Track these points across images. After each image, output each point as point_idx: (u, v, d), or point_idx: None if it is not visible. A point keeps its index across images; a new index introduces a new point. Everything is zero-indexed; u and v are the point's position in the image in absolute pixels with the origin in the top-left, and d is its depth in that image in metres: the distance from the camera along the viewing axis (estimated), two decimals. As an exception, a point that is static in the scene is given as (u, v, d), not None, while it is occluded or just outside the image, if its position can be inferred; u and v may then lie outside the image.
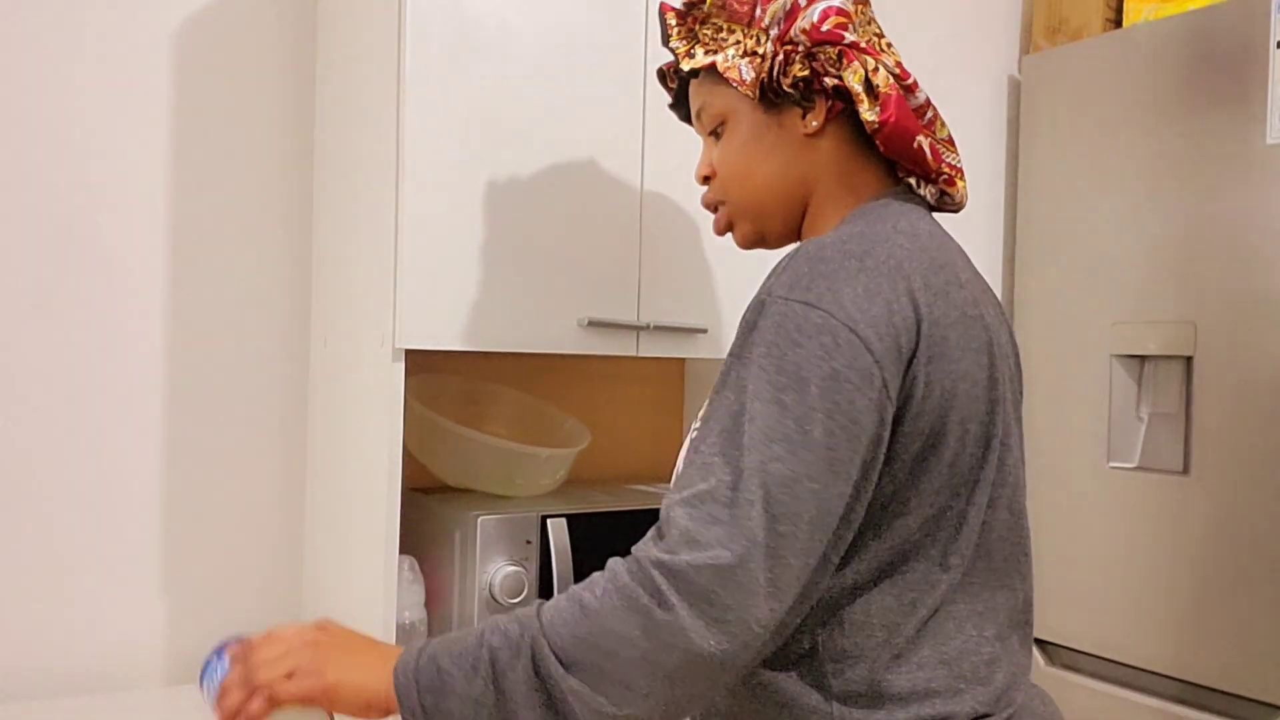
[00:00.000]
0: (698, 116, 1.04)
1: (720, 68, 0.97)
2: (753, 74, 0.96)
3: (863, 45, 0.94)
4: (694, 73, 1.02)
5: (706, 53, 1.00)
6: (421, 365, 1.62)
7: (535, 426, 1.68)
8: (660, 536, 0.80)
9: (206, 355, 1.52)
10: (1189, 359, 1.78)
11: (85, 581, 1.44)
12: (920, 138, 0.95)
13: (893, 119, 0.93)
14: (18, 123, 1.39)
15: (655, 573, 0.77)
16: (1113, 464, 1.88)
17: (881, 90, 0.93)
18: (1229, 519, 1.71)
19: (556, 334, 1.35)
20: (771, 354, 0.80)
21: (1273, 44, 1.68)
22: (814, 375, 0.79)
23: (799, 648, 0.86)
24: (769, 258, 1.54)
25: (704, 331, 1.48)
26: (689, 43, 1.02)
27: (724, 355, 1.49)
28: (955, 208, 1.01)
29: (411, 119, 1.25)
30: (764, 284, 0.87)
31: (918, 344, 0.82)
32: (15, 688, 1.39)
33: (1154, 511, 1.82)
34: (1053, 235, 2.03)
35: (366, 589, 1.32)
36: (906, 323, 0.82)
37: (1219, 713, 1.71)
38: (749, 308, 0.85)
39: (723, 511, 0.77)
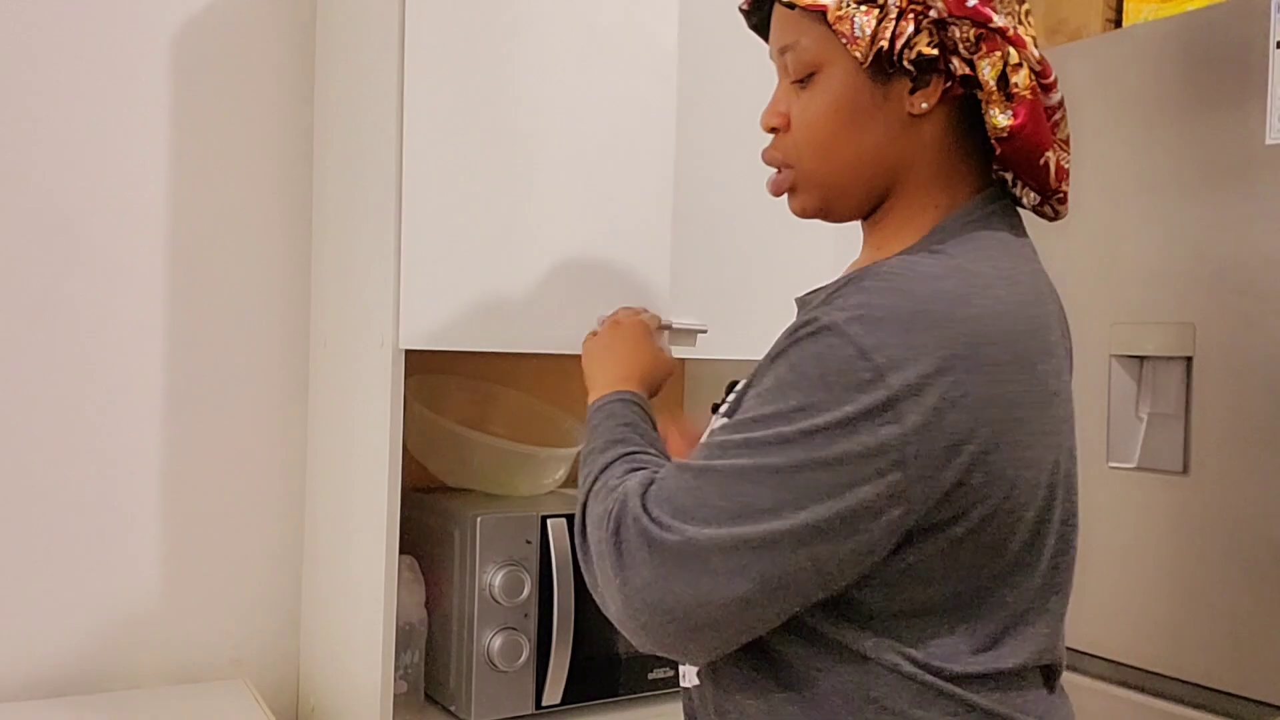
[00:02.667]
0: (781, 53, 0.86)
1: (831, 15, 0.80)
2: (869, 32, 0.78)
3: (1009, 32, 0.79)
4: (789, 3, 0.83)
5: None
6: (421, 366, 1.62)
7: (535, 426, 1.68)
8: (649, 486, 0.80)
9: (206, 356, 1.52)
10: (1189, 359, 1.78)
11: (85, 581, 1.44)
12: (1049, 153, 0.82)
13: (1026, 129, 0.79)
14: (17, 123, 1.39)
15: (626, 527, 0.78)
16: (1112, 464, 1.88)
17: (1018, 90, 0.79)
18: (1229, 519, 1.71)
19: (556, 334, 1.35)
20: (800, 385, 0.73)
21: (1273, 44, 1.68)
22: (831, 439, 0.71)
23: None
24: (774, 258, 1.54)
25: (704, 331, 1.48)
26: None
27: (724, 355, 1.49)
28: (1054, 219, 0.90)
29: (411, 119, 1.25)
30: (838, 288, 0.78)
31: (983, 430, 0.72)
32: (16, 688, 1.39)
33: (1154, 511, 1.81)
34: (1052, 235, 2.03)
35: (366, 589, 1.32)
36: (971, 402, 0.71)
37: (1219, 713, 1.71)
38: (807, 314, 0.77)
39: (689, 560, 0.74)
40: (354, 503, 1.38)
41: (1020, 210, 0.89)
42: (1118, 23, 2.06)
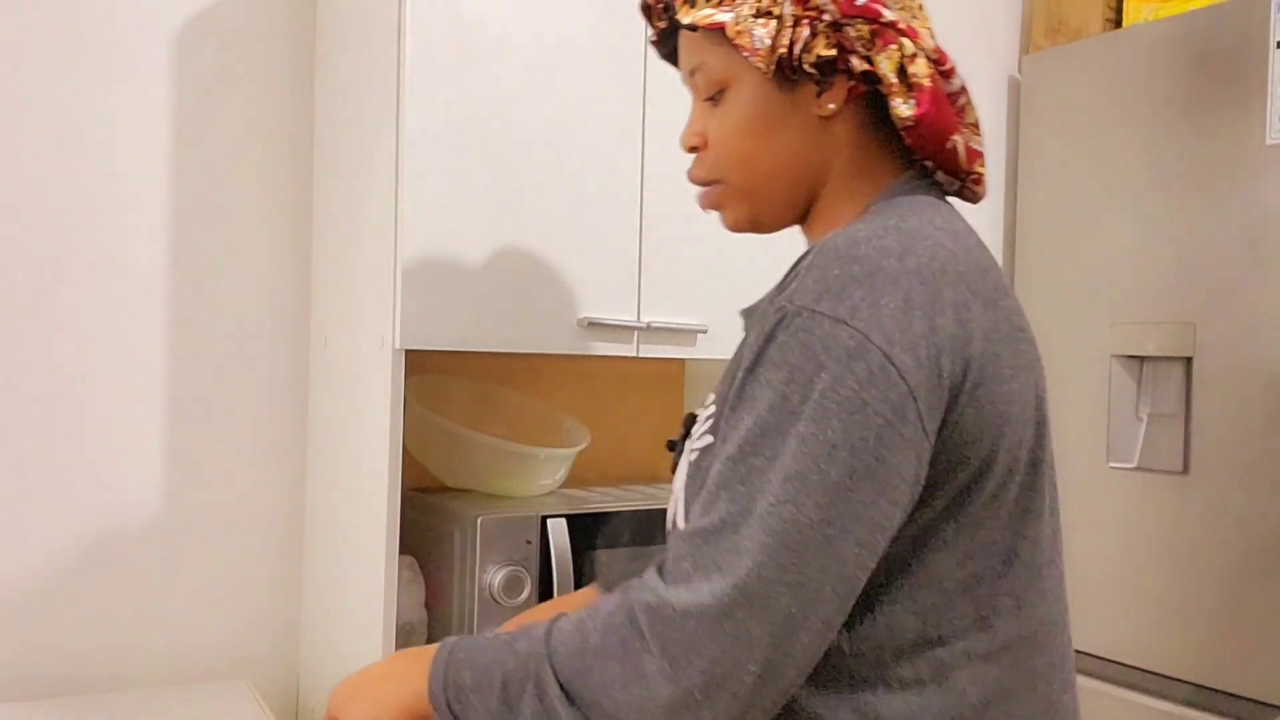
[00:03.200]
0: (691, 75, 0.89)
1: (730, 31, 0.82)
2: (768, 42, 0.81)
3: (901, 25, 0.81)
4: (690, 26, 0.86)
5: (712, 5, 0.83)
6: (421, 366, 1.62)
7: (535, 426, 1.68)
8: (659, 573, 0.74)
9: (207, 356, 1.52)
10: (1189, 359, 1.78)
11: (86, 581, 1.44)
12: (955, 136, 0.83)
13: (928, 116, 0.81)
14: (18, 124, 1.39)
15: (642, 616, 0.71)
16: (1112, 464, 1.88)
17: (917, 80, 0.81)
18: (1229, 519, 1.71)
19: (556, 334, 1.35)
20: (794, 379, 0.71)
21: (1273, 44, 1.68)
22: (839, 408, 0.69)
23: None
24: (772, 255, 1.54)
25: (704, 331, 1.48)
26: None
27: (723, 355, 1.49)
28: (974, 200, 0.92)
29: (411, 120, 1.25)
30: (784, 284, 0.78)
31: (967, 365, 0.73)
32: (16, 688, 1.40)
33: (1153, 511, 1.82)
34: (1053, 235, 2.03)
35: (366, 589, 1.32)
36: (952, 341, 0.72)
37: (1219, 713, 1.71)
38: (768, 315, 0.75)
39: (722, 555, 0.70)
40: (354, 503, 1.38)
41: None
42: (1118, 23, 2.06)
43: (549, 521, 1.40)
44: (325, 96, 1.53)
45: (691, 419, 0.92)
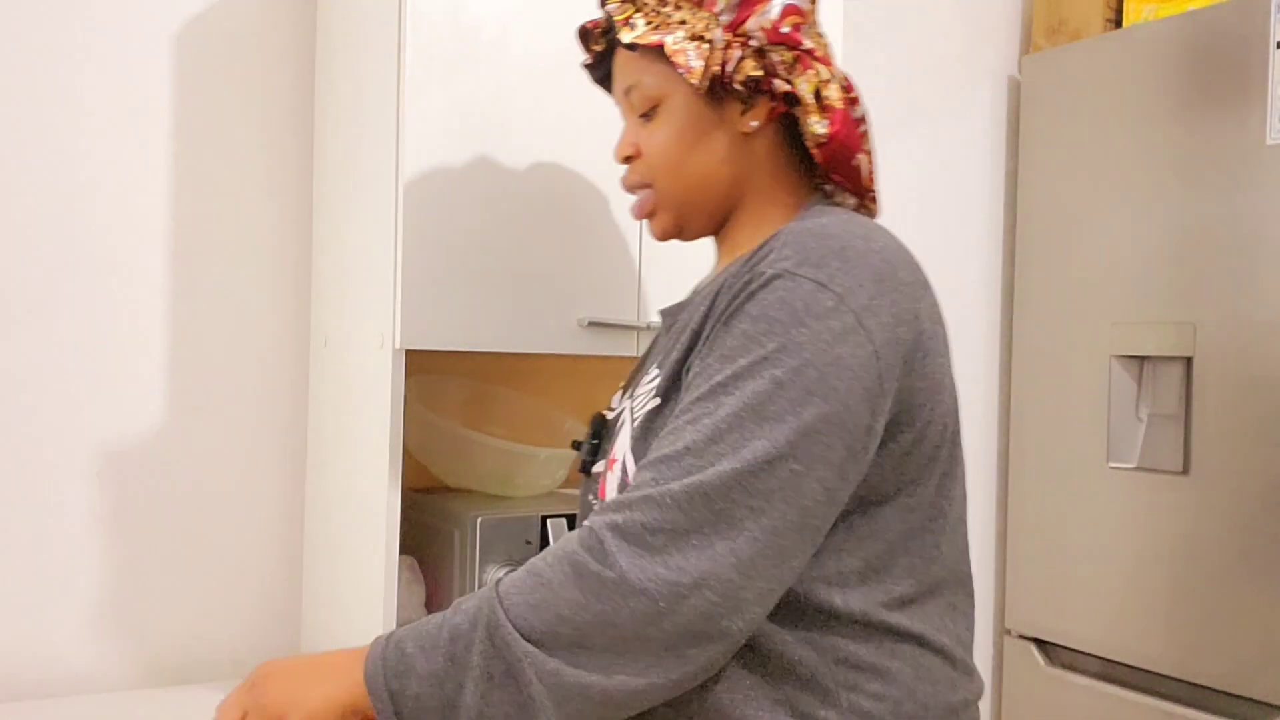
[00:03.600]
0: (626, 93, 0.97)
1: (669, 49, 0.91)
2: (702, 63, 0.90)
3: (817, 53, 0.92)
4: (630, 45, 0.94)
5: (651, 28, 0.92)
6: (421, 366, 1.62)
7: (535, 426, 1.68)
8: (622, 500, 0.77)
9: (207, 356, 1.52)
10: (1189, 359, 1.78)
11: (86, 581, 1.44)
12: (860, 155, 0.93)
13: (840, 134, 0.91)
14: (19, 123, 1.39)
15: (606, 534, 0.75)
16: (1112, 464, 1.88)
17: (830, 102, 0.91)
18: (1229, 519, 1.71)
19: (556, 334, 1.35)
20: (774, 330, 0.78)
21: (1273, 44, 1.68)
22: (816, 359, 0.76)
23: (788, 660, 0.82)
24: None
25: (704, 332, 1.48)
26: (628, 10, 0.95)
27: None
28: (870, 218, 0.99)
29: (411, 119, 1.25)
30: (758, 258, 0.84)
31: (917, 337, 0.82)
32: (16, 688, 1.40)
33: (1154, 512, 1.82)
34: (1053, 235, 2.03)
35: (366, 589, 1.32)
36: (906, 315, 0.81)
37: (1219, 713, 1.71)
38: (747, 280, 0.82)
39: (691, 481, 0.74)
40: (354, 503, 1.38)
41: None
42: (1118, 23, 2.06)
43: (549, 521, 1.40)
44: (325, 96, 1.53)
45: (601, 418, 1.00)
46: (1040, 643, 2.01)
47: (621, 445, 0.91)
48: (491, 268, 1.30)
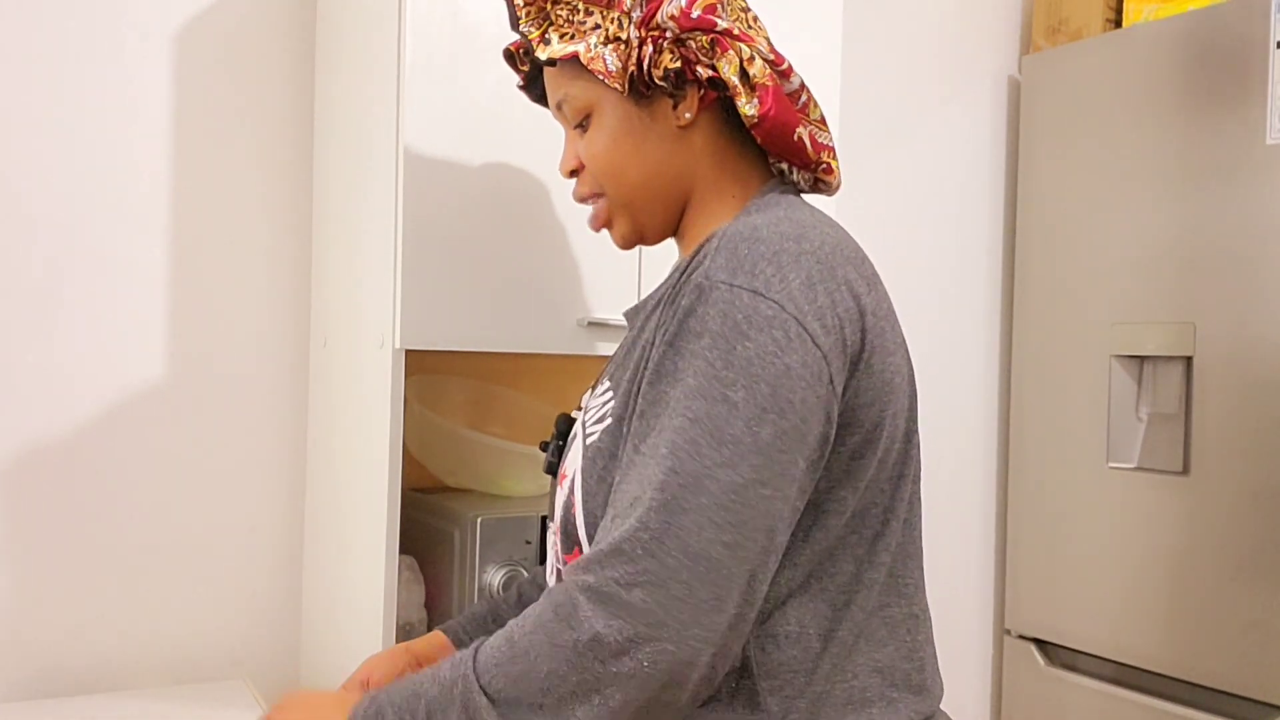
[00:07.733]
0: (558, 107, 0.96)
1: (584, 59, 0.89)
2: (619, 64, 0.88)
3: (735, 32, 0.88)
4: (549, 61, 0.93)
5: (563, 39, 0.91)
6: (421, 366, 1.62)
7: (535, 426, 1.68)
8: (592, 557, 0.74)
9: (207, 355, 1.52)
10: (1189, 359, 1.78)
11: (86, 582, 1.44)
12: (800, 130, 0.90)
13: (772, 112, 0.87)
14: (19, 124, 1.39)
15: (579, 597, 0.72)
16: (1112, 464, 1.88)
17: (758, 80, 0.87)
18: (1229, 519, 1.71)
19: (556, 334, 1.35)
20: (718, 346, 0.75)
21: (1273, 44, 1.68)
22: (765, 372, 0.73)
23: (728, 670, 0.79)
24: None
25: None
26: (541, 26, 0.93)
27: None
28: (830, 193, 0.97)
29: (411, 119, 1.25)
30: (693, 266, 0.81)
31: (862, 337, 0.79)
32: (16, 687, 1.40)
33: (1153, 511, 1.82)
34: (1053, 235, 2.03)
35: (366, 589, 1.32)
36: (850, 314, 0.79)
37: (1219, 713, 1.71)
38: (684, 293, 0.79)
39: (659, 523, 0.71)
40: (354, 503, 1.38)
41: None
42: (1118, 23, 2.06)
43: (549, 521, 1.40)
44: (325, 96, 1.53)
45: (567, 419, 0.98)
46: (1040, 643, 2.01)
47: (573, 461, 0.89)
48: (491, 268, 1.30)
